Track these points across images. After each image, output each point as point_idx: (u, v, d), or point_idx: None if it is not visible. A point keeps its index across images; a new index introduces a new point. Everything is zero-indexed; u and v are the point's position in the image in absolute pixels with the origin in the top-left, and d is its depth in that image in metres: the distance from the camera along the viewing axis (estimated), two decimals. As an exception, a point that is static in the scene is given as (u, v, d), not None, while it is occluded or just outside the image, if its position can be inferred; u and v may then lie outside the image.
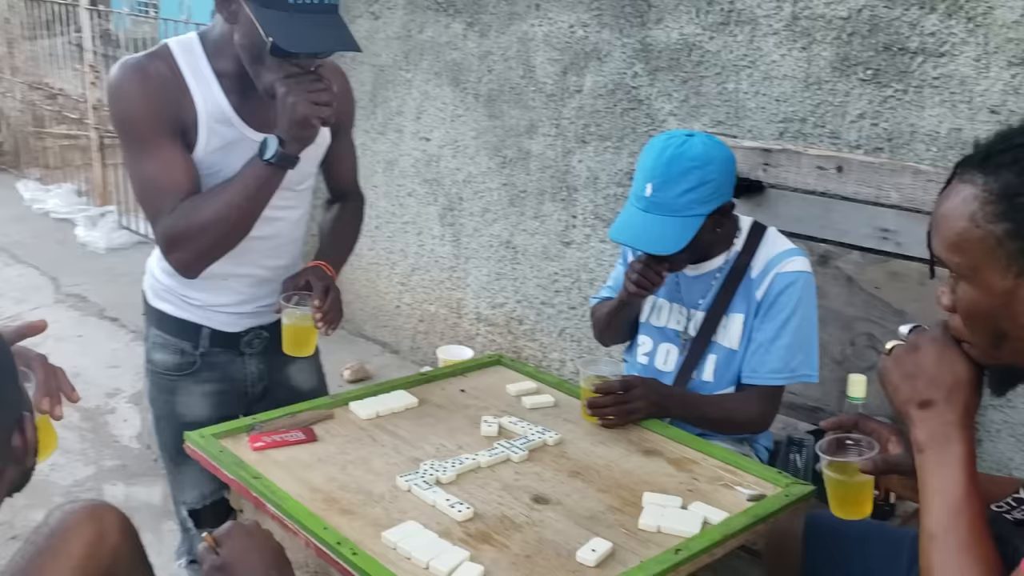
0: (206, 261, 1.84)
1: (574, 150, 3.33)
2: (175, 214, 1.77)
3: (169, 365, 2.03)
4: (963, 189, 1.13)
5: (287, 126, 1.72)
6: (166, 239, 1.81)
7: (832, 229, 2.54)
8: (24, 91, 7.08)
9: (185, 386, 2.03)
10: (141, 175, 1.81)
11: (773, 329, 2.04)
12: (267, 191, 1.79)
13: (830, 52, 2.59)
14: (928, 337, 1.20)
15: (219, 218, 1.76)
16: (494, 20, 3.50)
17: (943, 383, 1.15)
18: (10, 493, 1.08)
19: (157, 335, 2.05)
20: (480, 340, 3.85)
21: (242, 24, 1.73)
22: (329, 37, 1.72)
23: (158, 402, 2.09)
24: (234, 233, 1.81)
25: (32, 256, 5.77)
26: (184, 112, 1.81)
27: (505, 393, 2.04)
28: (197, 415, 2.02)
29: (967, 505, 1.09)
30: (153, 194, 1.80)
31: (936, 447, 1.13)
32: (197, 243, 1.79)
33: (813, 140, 2.66)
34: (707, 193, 1.94)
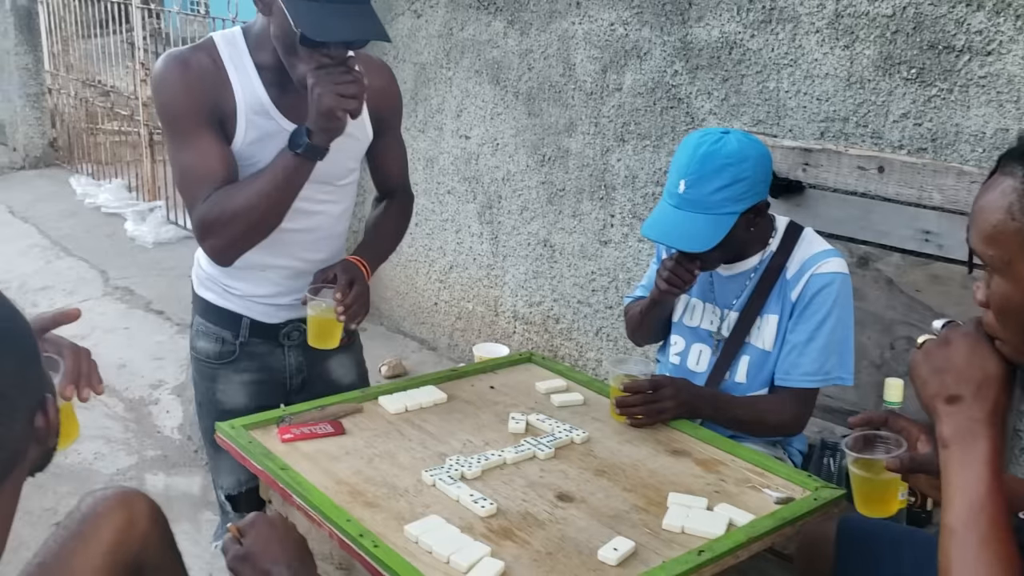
0: (238, 249, 1.87)
1: (613, 149, 3.31)
2: (209, 202, 1.81)
3: (210, 353, 2.07)
4: (1003, 181, 1.12)
5: (314, 117, 1.74)
6: (200, 226, 1.84)
7: (872, 230, 2.50)
8: (78, 88, 7.24)
9: (225, 374, 2.07)
10: (180, 163, 1.86)
11: (807, 331, 2.01)
12: (296, 182, 1.81)
13: (873, 50, 2.55)
14: (960, 332, 1.18)
15: (249, 206, 1.79)
16: (535, 18, 3.50)
17: (972, 379, 1.13)
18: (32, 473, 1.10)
19: (201, 323, 2.10)
20: (517, 338, 3.85)
21: (276, 16, 1.76)
22: (357, 27, 1.73)
23: (200, 388, 2.13)
24: (264, 222, 1.83)
25: (82, 249, 5.90)
26: (224, 103, 1.84)
27: (534, 390, 2.03)
28: (235, 403, 2.06)
29: (989, 502, 1.07)
30: (190, 182, 1.84)
31: (961, 443, 1.11)
32: (229, 230, 1.81)
33: (855, 140, 2.62)
34: (741, 191, 1.92)
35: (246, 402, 2.06)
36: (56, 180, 7.38)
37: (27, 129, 7.71)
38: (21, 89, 7.60)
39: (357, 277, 1.93)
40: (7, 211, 6.71)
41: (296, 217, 1.92)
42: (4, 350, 0.98)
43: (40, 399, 1.04)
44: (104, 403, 4.10)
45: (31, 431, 1.02)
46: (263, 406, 2.01)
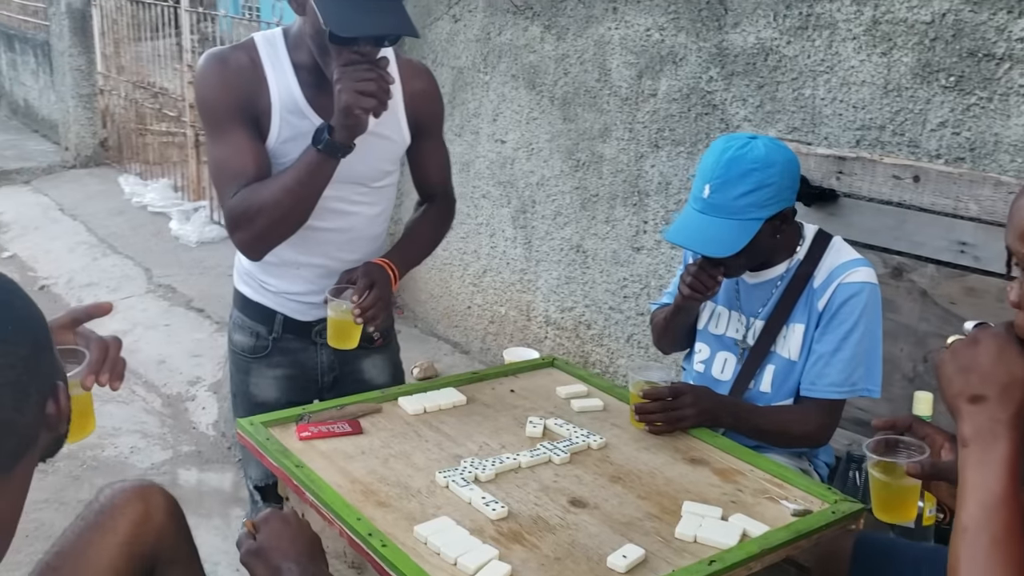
0: (266, 243, 1.90)
1: (647, 155, 3.30)
2: (238, 196, 1.84)
3: (245, 347, 2.11)
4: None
5: (335, 114, 1.76)
6: (229, 219, 1.88)
7: (907, 241, 2.46)
8: (129, 90, 7.38)
9: (258, 368, 2.10)
10: (214, 157, 1.90)
11: (834, 341, 1.98)
12: (320, 178, 1.82)
13: (911, 58, 2.51)
14: (990, 333, 1.15)
15: (275, 201, 1.81)
16: (571, 23, 3.50)
17: (998, 380, 1.10)
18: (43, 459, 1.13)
19: (238, 316, 2.13)
20: (548, 344, 3.84)
21: (308, 15, 1.79)
22: (384, 22, 1.73)
23: (235, 380, 2.17)
24: (289, 217, 1.85)
25: (128, 247, 6.01)
26: (260, 101, 1.87)
27: (555, 395, 2.03)
28: (267, 397, 2.09)
29: (1004, 504, 1.04)
30: (223, 176, 1.88)
31: (981, 443, 1.09)
32: (255, 224, 1.84)
33: (891, 148, 2.57)
34: (766, 197, 1.90)
35: (277, 396, 2.09)
36: (105, 179, 7.54)
37: (79, 129, 7.88)
38: (74, 90, 7.77)
39: (378, 280, 1.93)
40: (57, 209, 6.86)
41: (329, 216, 1.94)
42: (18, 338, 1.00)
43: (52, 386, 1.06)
44: (143, 398, 4.17)
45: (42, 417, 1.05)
46: (294, 401, 2.04)
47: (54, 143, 8.55)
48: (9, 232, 6.46)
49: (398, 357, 2.27)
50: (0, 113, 10.25)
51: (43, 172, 7.78)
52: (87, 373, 1.37)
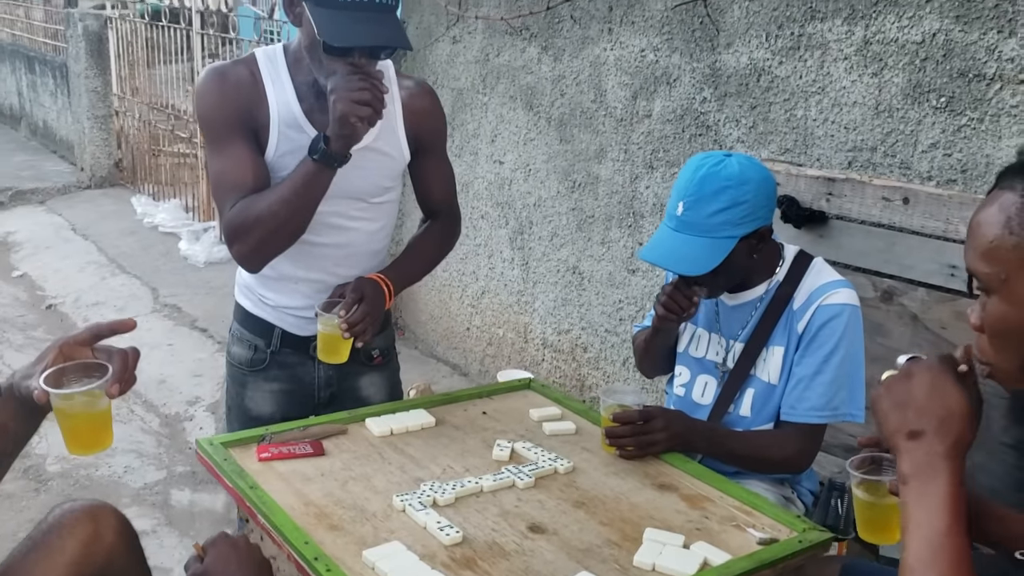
0: (263, 254, 1.89)
1: (641, 176, 3.27)
2: (236, 208, 1.84)
3: (243, 359, 2.10)
4: (1002, 195, 1.08)
5: (330, 124, 1.75)
6: (227, 231, 1.88)
7: (897, 264, 2.41)
8: (143, 111, 7.46)
9: (255, 381, 2.09)
10: (214, 170, 1.90)
11: (814, 364, 1.93)
12: (316, 188, 1.81)
13: (902, 78, 2.47)
14: (923, 366, 1.12)
15: (271, 212, 1.81)
16: (567, 44, 3.48)
17: (934, 413, 1.07)
18: None
19: (237, 329, 2.13)
20: (545, 366, 3.80)
21: (305, 26, 1.80)
22: (378, 33, 1.74)
23: (231, 393, 2.16)
24: (286, 228, 1.84)
25: (137, 267, 6.05)
26: (259, 115, 1.88)
27: (527, 418, 1.99)
28: (262, 411, 2.08)
29: (949, 540, 1.00)
30: (221, 189, 1.88)
31: (921, 479, 1.05)
32: (252, 236, 1.83)
33: (883, 170, 2.53)
34: (740, 215, 1.87)
35: (272, 411, 2.08)
36: (119, 199, 7.60)
37: (94, 149, 7.96)
38: (90, 111, 7.86)
39: (368, 295, 1.91)
40: (70, 228, 6.92)
41: (327, 231, 1.94)
42: None
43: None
44: (141, 418, 4.17)
45: None
46: (289, 417, 2.03)
47: (71, 164, 8.64)
48: (21, 251, 6.52)
49: (397, 377, 2.25)
50: (19, 134, 10.40)
51: (58, 192, 7.86)
52: (113, 381, 1.36)
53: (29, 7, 11.32)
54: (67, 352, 1.39)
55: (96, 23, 7.74)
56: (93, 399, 1.36)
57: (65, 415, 1.35)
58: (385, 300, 1.96)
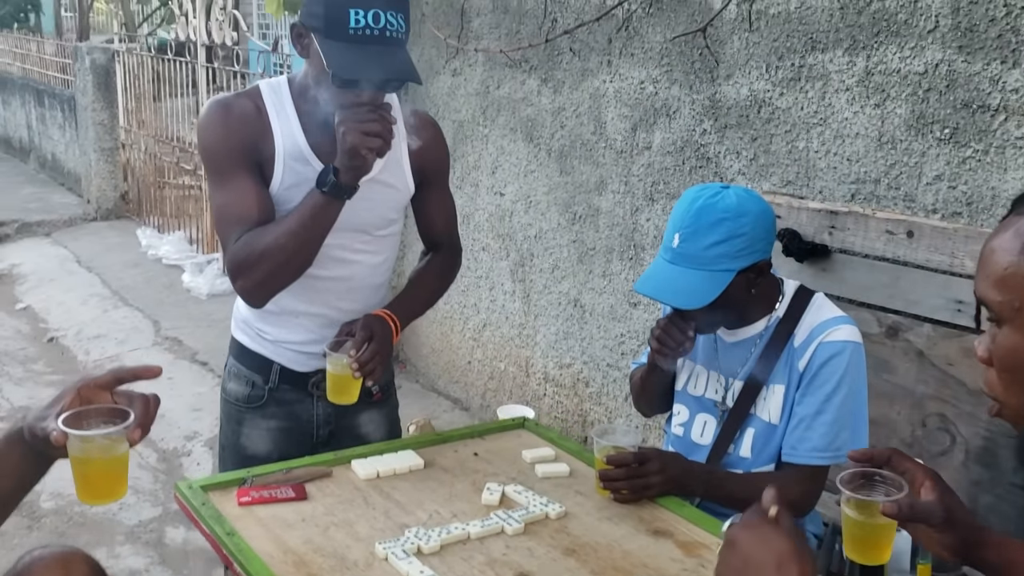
0: (268, 289, 1.85)
1: (642, 208, 3.22)
2: (240, 242, 1.80)
3: (239, 395, 2.06)
4: (1018, 221, 1.04)
5: (339, 155, 1.73)
6: (231, 265, 1.84)
7: (902, 299, 2.35)
8: (149, 143, 7.48)
9: (252, 418, 2.04)
10: (217, 204, 1.87)
11: (816, 403, 1.87)
12: (324, 221, 1.79)
13: (905, 109, 2.42)
14: (739, 526, 1.09)
15: (277, 246, 1.78)
16: (567, 76, 3.46)
17: (768, 565, 1.03)
18: None
19: (233, 364, 2.09)
20: (547, 401, 3.74)
21: (312, 58, 1.78)
22: (388, 67, 1.72)
23: (226, 431, 2.11)
24: (292, 262, 1.81)
25: (139, 300, 6.02)
26: (263, 147, 1.85)
27: (520, 459, 1.93)
28: (258, 449, 2.03)
29: None
30: (225, 222, 1.84)
31: None
32: (257, 270, 1.80)
33: (887, 203, 2.48)
34: (738, 247, 1.82)
35: (269, 449, 2.03)
36: (124, 232, 7.61)
37: (100, 182, 7.99)
38: (96, 143, 7.89)
39: (377, 333, 1.88)
40: (74, 261, 6.92)
41: (330, 264, 1.91)
42: None
43: None
44: (138, 453, 4.12)
45: None
46: (285, 456, 1.98)
47: (78, 196, 8.67)
48: (25, 284, 6.51)
49: (396, 413, 2.21)
50: (29, 167, 10.46)
51: (64, 224, 7.87)
52: (135, 427, 1.30)
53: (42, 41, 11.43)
54: (85, 395, 1.33)
55: (104, 57, 7.79)
56: (112, 444, 1.29)
57: (81, 460, 1.29)
58: (393, 337, 1.93)
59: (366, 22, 1.69)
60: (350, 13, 1.68)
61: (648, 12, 3.10)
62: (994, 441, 2.17)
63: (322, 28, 1.72)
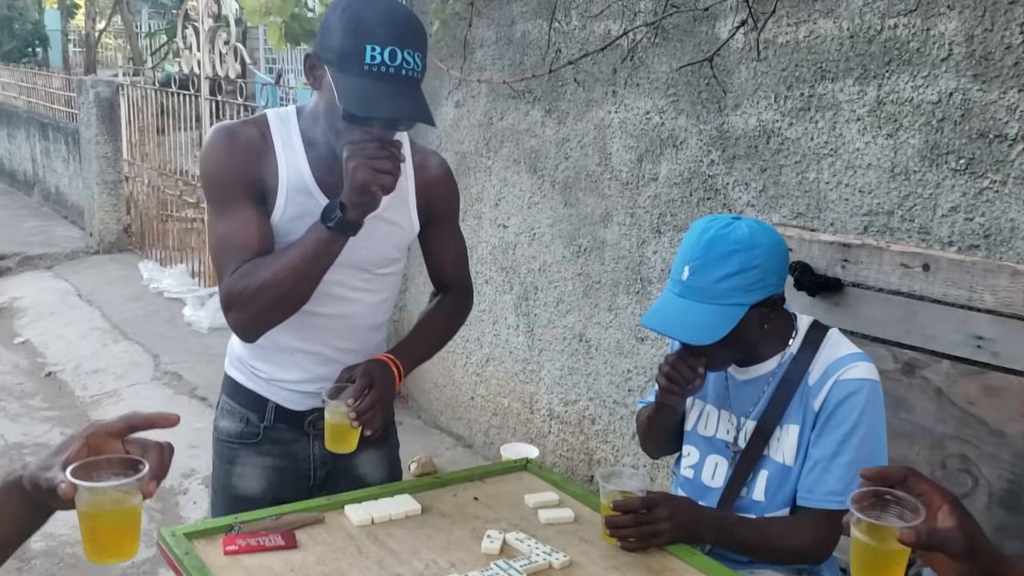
0: (262, 323, 1.78)
1: (649, 240, 3.15)
2: (237, 273, 1.74)
3: (232, 432, 1.98)
4: None
5: (348, 191, 1.68)
6: (227, 296, 1.76)
7: (918, 334, 2.27)
8: (152, 176, 7.45)
9: (246, 456, 1.97)
10: (217, 233, 1.81)
11: (832, 444, 1.78)
12: (326, 257, 1.73)
13: (918, 140, 2.36)
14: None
15: (276, 280, 1.71)
16: (571, 107, 3.40)
17: None
18: None
19: (226, 402, 2.02)
20: (552, 439, 3.65)
21: (324, 90, 1.73)
22: (401, 106, 1.67)
23: (217, 473, 2.03)
24: (290, 297, 1.75)
25: (139, 333, 5.96)
26: (267, 177, 1.80)
27: (523, 504, 1.84)
28: (252, 489, 1.95)
29: None
30: (225, 251, 1.78)
31: None
32: (253, 304, 1.73)
33: (900, 235, 2.40)
34: (750, 280, 1.74)
35: (263, 490, 1.95)
36: (126, 265, 7.56)
37: (103, 215, 7.96)
38: (100, 176, 7.87)
39: (378, 379, 1.81)
40: (75, 294, 6.87)
41: (328, 302, 1.84)
42: None
43: None
44: (134, 491, 4.03)
45: None
46: (280, 499, 1.90)
47: (80, 229, 8.64)
48: (25, 317, 6.45)
49: (396, 453, 2.13)
50: (33, 199, 10.45)
51: (66, 258, 7.83)
52: (150, 479, 1.20)
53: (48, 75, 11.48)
54: (94, 444, 1.22)
55: (108, 90, 7.79)
56: (125, 497, 1.19)
57: (90, 515, 1.19)
58: (395, 383, 1.86)
59: (382, 59, 1.64)
60: (366, 48, 1.63)
61: (653, 42, 3.05)
62: (1019, 484, 2.08)
63: (336, 61, 1.67)
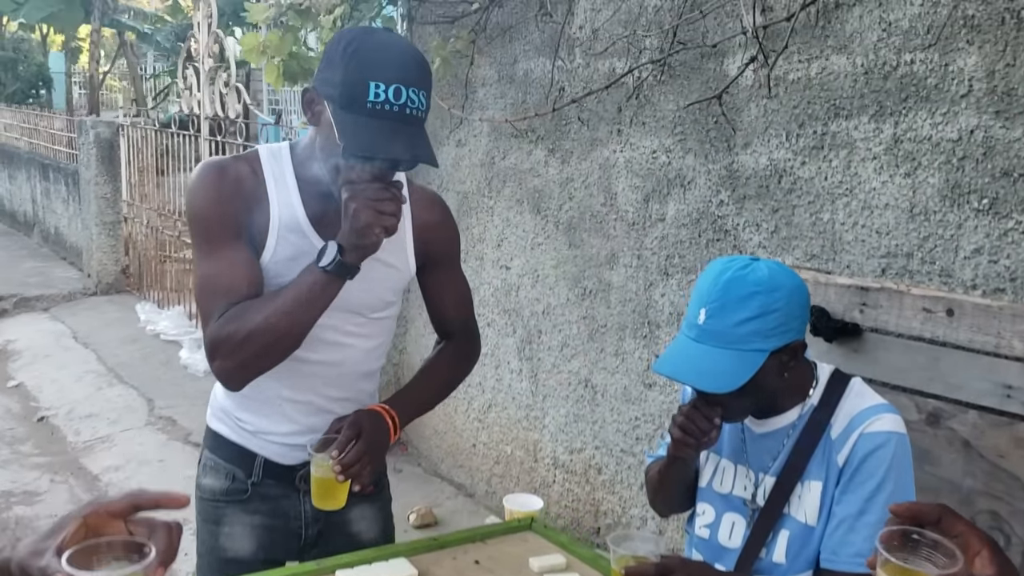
0: (250, 371, 1.67)
1: (656, 283, 3.05)
2: (225, 317, 1.62)
3: (217, 490, 1.85)
4: None
5: (348, 233, 1.58)
6: (212, 342, 1.65)
7: (943, 383, 2.15)
8: (151, 217, 7.39)
9: (233, 515, 1.84)
10: (203, 273, 1.69)
11: (858, 502, 1.66)
12: (321, 301, 1.63)
13: (938, 178, 2.26)
14: None
15: (267, 326, 1.60)
16: (575, 146, 3.32)
17: None
18: None
19: (210, 458, 1.88)
20: (556, 488, 3.52)
21: (323, 127, 1.64)
22: (404, 146, 1.58)
23: (202, 536, 1.90)
24: (281, 343, 1.64)
25: (134, 377, 5.85)
26: (258, 216, 1.70)
27: (527, 568, 1.72)
28: (241, 550, 1.83)
29: None
30: (209, 293, 1.67)
31: None
32: (242, 350, 1.62)
33: (921, 278, 2.30)
34: (771, 325, 1.63)
35: (253, 550, 1.83)
36: (124, 306, 7.47)
37: (101, 256, 7.88)
38: (98, 217, 7.81)
39: (367, 430, 1.70)
40: (71, 336, 6.77)
41: (320, 347, 1.73)
42: None
43: None
44: (123, 542, 3.90)
45: None
46: (270, 559, 1.79)
47: (79, 270, 8.57)
48: (19, 360, 6.35)
49: (390, 508, 2.01)
50: (32, 240, 10.40)
51: (63, 299, 7.75)
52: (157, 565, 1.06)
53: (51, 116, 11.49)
54: (93, 524, 1.08)
55: (108, 130, 7.76)
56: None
57: None
58: (388, 435, 1.75)
59: (386, 96, 1.55)
60: (370, 86, 1.55)
61: (659, 80, 2.97)
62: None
63: (337, 98, 1.58)
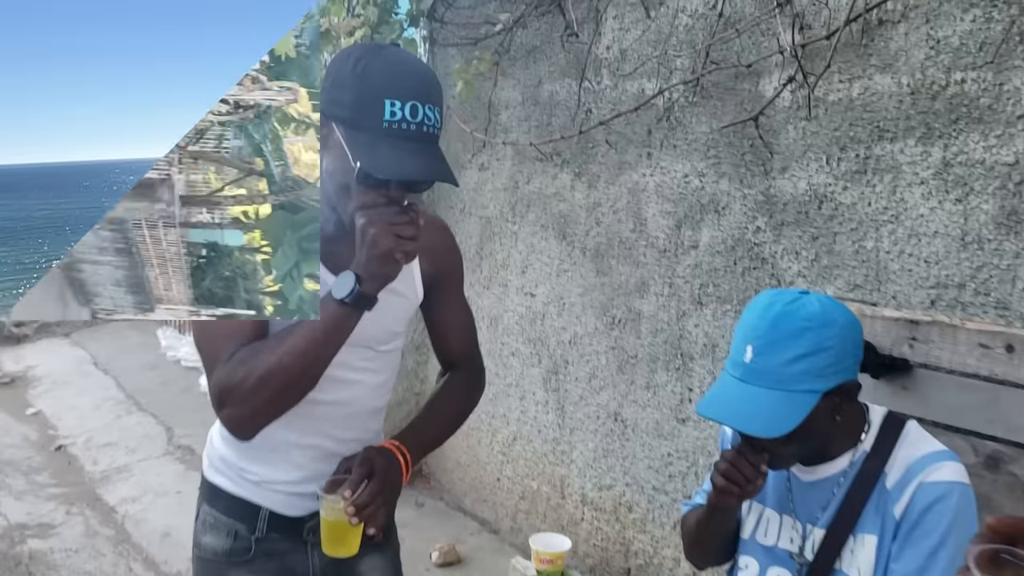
0: (262, 419, 1.55)
1: (689, 313, 2.92)
2: (233, 361, 1.51)
3: (219, 549, 1.73)
4: None
5: (365, 260, 1.47)
6: (220, 390, 1.53)
7: (1002, 424, 2.00)
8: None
9: (236, 575, 1.72)
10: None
11: (919, 558, 1.52)
12: (338, 336, 1.51)
13: (992, 205, 2.12)
14: None
15: (281, 368, 1.48)
16: (603, 170, 3.21)
17: None
18: None
19: (208, 513, 1.75)
20: (585, 527, 3.38)
21: (331, 149, 1.52)
22: (422, 167, 1.48)
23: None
24: (297, 386, 1.52)
25: (154, 404, 5.78)
26: None
27: (556, 627, 1.59)
28: None
29: None
30: (212, 338, 1.56)
31: None
32: (255, 396, 1.50)
33: (974, 310, 2.16)
34: (824, 364, 1.50)
35: None
36: (145, 331, 7.43)
37: (124, 281, 7.84)
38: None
39: (379, 469, 1.58)
40: (91, 363, 6.73)
41: (329, 387, 1.60)
42: None
43: None
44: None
45: None
46: None
47: (101, 294, 8.54)
48: (39, 387, 6.30)
49: (399, 557, 1.88)
50: (57, 265, 10.40)
51: (84, 324, 7.71)
52: None
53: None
54: None
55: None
56: None
57: None
58: (401, 473, 1.63)
59: (403, 115, 1.45)
60: (385, 104, 1.45)
61: (691, 101, 2.85)
62: None
63: (348, 119, 1.48)
